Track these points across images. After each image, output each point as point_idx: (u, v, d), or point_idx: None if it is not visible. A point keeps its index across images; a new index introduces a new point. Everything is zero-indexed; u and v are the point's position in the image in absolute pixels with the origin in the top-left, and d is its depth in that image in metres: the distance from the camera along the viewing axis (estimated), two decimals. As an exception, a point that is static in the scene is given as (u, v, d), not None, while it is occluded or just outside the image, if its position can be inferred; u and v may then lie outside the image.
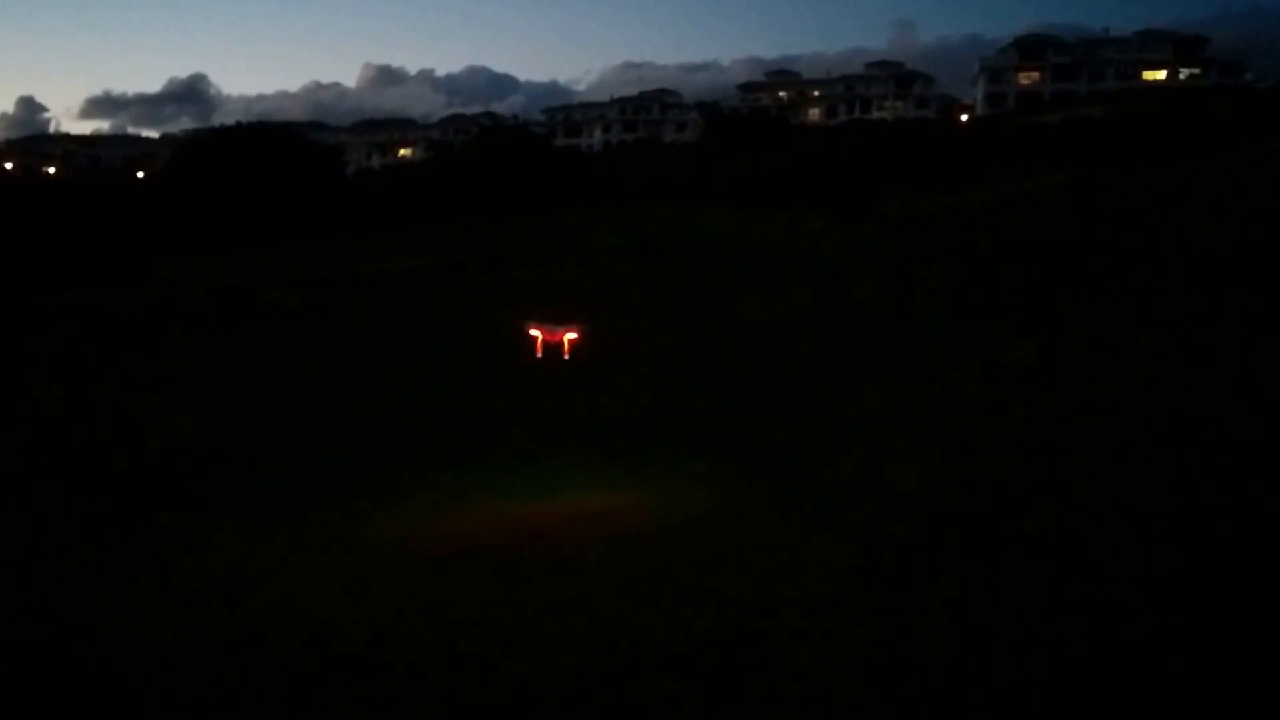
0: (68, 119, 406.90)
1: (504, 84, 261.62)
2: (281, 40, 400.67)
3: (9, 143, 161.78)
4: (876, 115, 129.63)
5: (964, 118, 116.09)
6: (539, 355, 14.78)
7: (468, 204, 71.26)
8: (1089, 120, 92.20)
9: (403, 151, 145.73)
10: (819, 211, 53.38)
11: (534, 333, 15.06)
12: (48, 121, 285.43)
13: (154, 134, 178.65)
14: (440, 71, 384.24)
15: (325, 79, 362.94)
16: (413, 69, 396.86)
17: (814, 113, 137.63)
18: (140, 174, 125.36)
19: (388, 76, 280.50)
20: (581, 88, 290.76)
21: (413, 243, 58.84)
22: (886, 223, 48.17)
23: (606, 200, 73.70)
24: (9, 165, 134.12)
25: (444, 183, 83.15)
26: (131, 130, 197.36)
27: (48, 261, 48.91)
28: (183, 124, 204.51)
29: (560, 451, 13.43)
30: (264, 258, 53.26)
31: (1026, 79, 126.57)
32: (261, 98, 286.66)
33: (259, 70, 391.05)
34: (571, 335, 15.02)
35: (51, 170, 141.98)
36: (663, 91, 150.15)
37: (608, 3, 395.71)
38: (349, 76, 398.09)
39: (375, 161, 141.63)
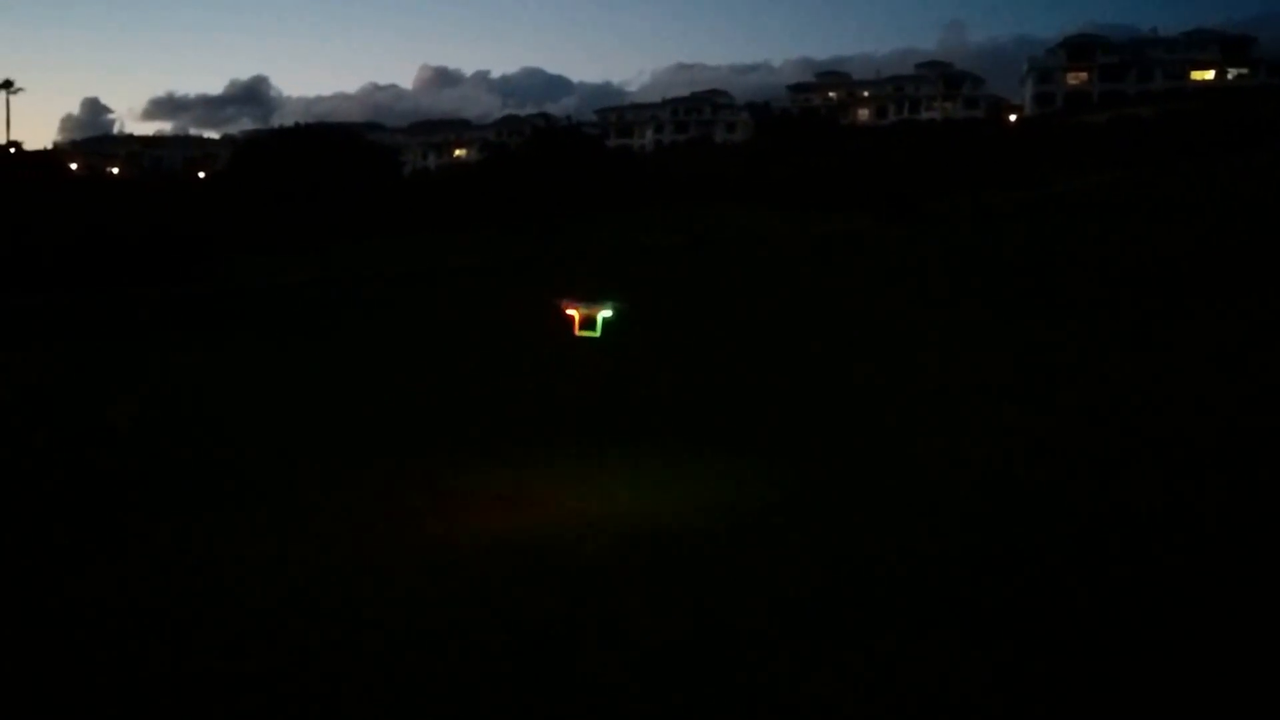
0: (131, 120, 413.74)
1: (558, 85, 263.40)
2: (340, 43, 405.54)
3: (74, 144, 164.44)
4: (925, 116, 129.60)
5: (1012, 118, 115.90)
6: (576, 333, 15.05)
7: (521, 204, 72.07)
8: (1136, 120, 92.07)
9: (458, 152, 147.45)
10: (868, 211, 54.01)
11: (570, 311, 15.22)
12: (112, 123, 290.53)
13: (215, 135, 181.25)
14: (496, 73, 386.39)
15: (383, 81, 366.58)
16: (468, 71, 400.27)
17: (863, 113, 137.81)
18: (201, 174, 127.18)
19: (444, 78, 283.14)
20: (634, 89, 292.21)
21: (466, 241, 59.65)
22: (935, 222, 48.86)
23: (658, 200, 74.31)
24: (74, 165, 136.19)
25: (498, 183, 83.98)
26: (193, 131, 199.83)
27: (109, 259, 50.06)
28: (243, 125, 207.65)
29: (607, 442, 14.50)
30: (321, 256, 54.19)
31: (1075, 79, 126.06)
32: (320, 99, 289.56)
33: (318, 72, 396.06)
34: (606, 313, 15.22)
35: (115, 170, 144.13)
36: (714, 92, 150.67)
37: (661, 5, 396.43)
38: (406, 78, 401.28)
39: (431, 162, 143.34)
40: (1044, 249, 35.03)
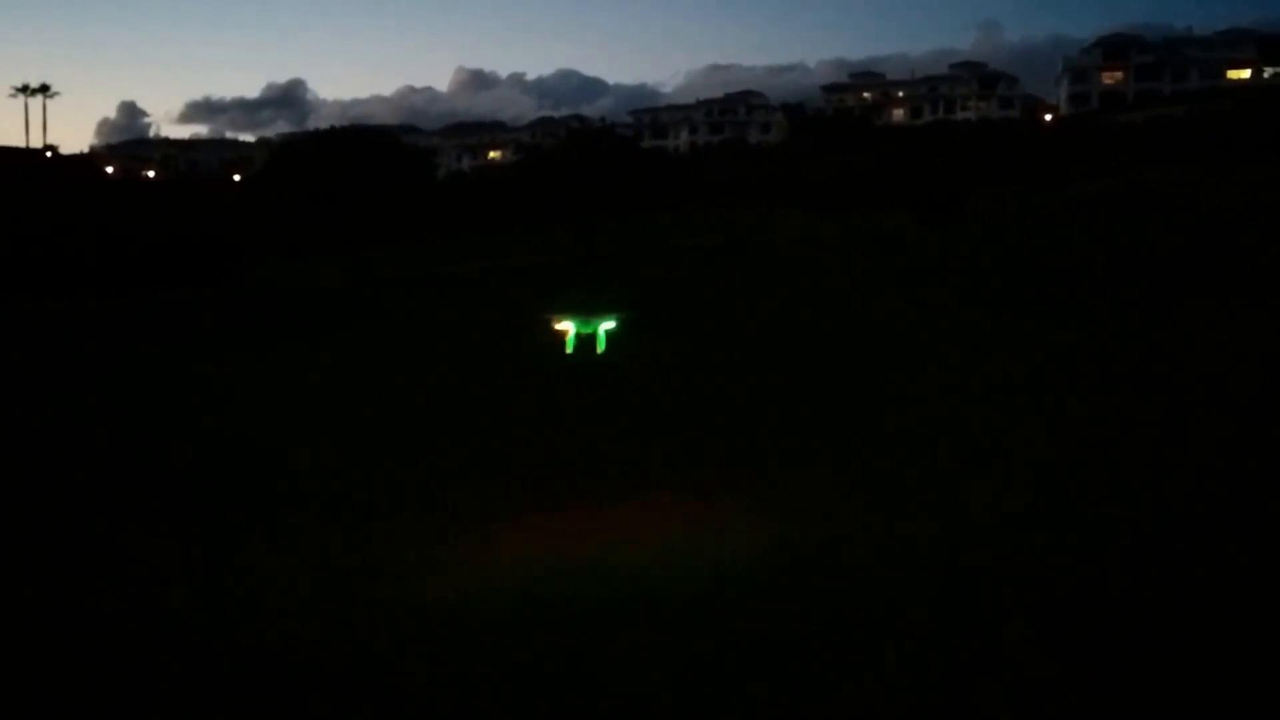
0: (167, 123, 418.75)
1: (593, 87, 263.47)
2: (376, 45, 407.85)
3: (110, 147, 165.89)
4: (960, 116, 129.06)
5: (1048, 117, 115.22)
6: (570, 351, 13.71)
7: (555, 205, 72.30)
8: (1172, 120, 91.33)
9: (492, 154, 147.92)
10: (905, 211, 53.88)
11: (561, 327, 13.96)
12: (148, 126, 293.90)
13: (250, 138, 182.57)
14: (531, 75, 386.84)
15: (418, 83, 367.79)
16: (504, 73, 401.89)
17: (898, 113, 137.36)
18: (236, 177, 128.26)
19: (479, 80, 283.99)
20: (668, 90, 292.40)
21: (500, 243, 59.73)
22: (971, 222, 48.69)
23: (692, 201, 74.30)
24: (110, 169, 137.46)
25: (532, 184, 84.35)
26: (229, 134, 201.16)
27: (143, 263, 50.46)
28: (278, 128, 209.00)
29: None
30: (356, 258, 54.30)
31: (1110, 78, 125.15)
32: (356, 101, 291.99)
33: (354, 75, 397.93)
34: (607, 326, 13.93)
35: (151, 173, 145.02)
36: (748, 93, 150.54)
37: (696, 6, 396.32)
38: (441, 80, 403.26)
39: (465, 164, 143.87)
40: (1084, 248, 34.84)
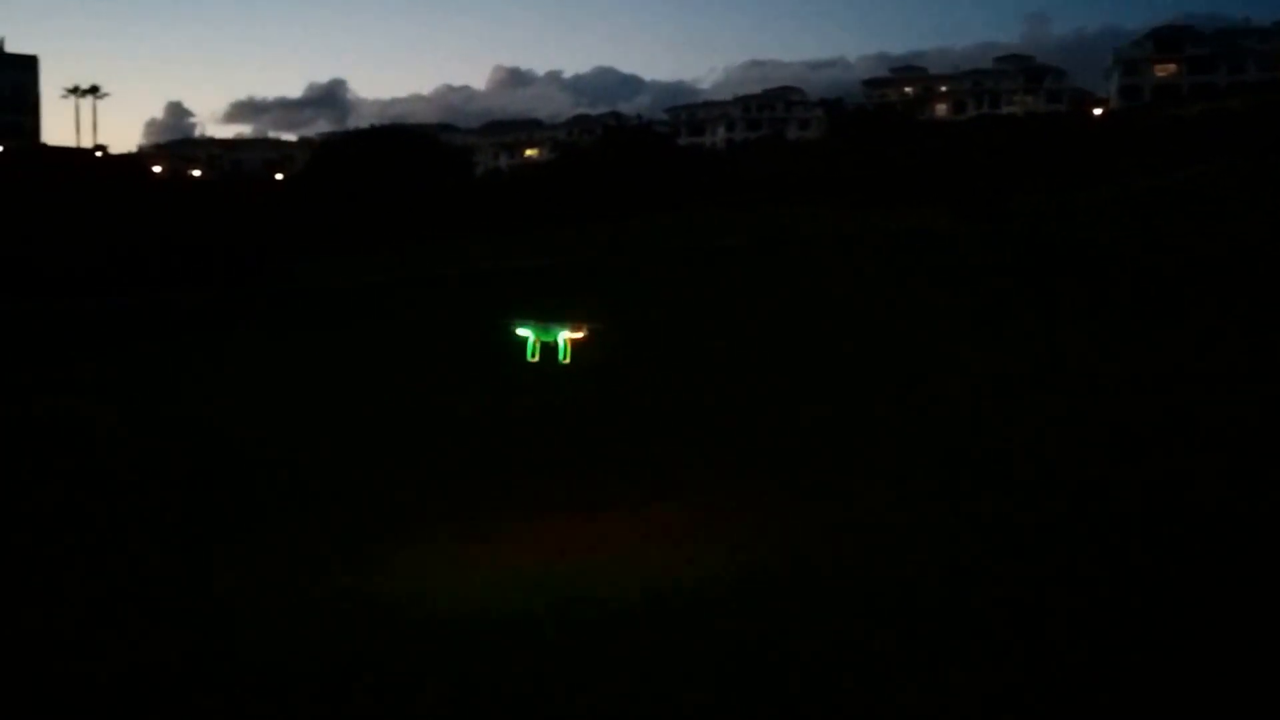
0: (212, 123, 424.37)
1: (630, 84, 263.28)
2: (416, 45, 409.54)
3: (157, 147, 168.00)
4: (1006, 110, 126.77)
5: (1097, 112, 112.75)
6: (532, 358, 13.67)
7: (592, 203, 71.92)
8: (1228, 113, 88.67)
9: (529, 152, 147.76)
10: (947, 208, 52.61)
11: (523, 333, 13.96)
12: (193, 126, 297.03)
13: (292, 137, 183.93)
14: (568, 73, 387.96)
15: (456, 82, 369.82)
16: (541, 71, 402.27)
17: (941, 108, 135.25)
18: (279, 176, 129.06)
19: (516, 78, 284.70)
20: (706, 86, 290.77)
21: (537, 241, 59.58)
22: (1016, 219, 47.27)
23: (729, 198, 73.51)
24: (157, 169, 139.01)
25: (569, 182, 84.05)
26: (271, 134, 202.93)
27: (188, 262, 50.90)
28: (320, 127, 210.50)
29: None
30: (395, 256, 54.64)
31: (1163, 71, 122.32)
32: (395, 101, 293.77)
33: (394, 74, 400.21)
34: (575, 335, 13.71)
35: (196, 173, 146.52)
36: (786, 89, 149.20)
37: (734, 2, 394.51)
38: (479, 79, 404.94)
39: (503, 162, 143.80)
40: (1132, 247, 33.43)
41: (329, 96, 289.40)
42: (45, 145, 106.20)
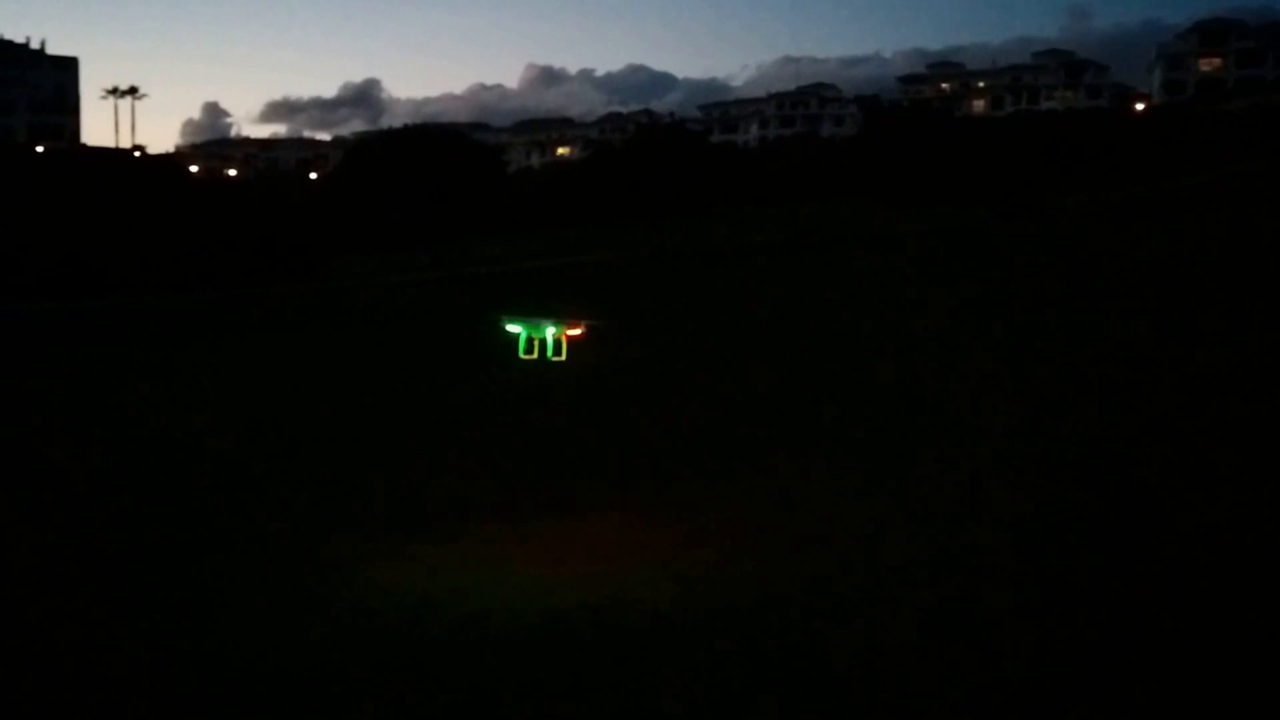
0: (248, 123, 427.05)
1: (662, 82, 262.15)
2: (449, 44, 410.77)
3: (194, 147, 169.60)
4: (1045, 106, 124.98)
5: (1140, 107, 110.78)
6: (524, 355, 13.59)
7: (624, 201, 71.57)
8: (1275, 108, 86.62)
9: (561, 150, 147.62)
10: (984, 206, 51.71)
11: (513, 329, 13.76)
12: (230, 126, 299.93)
13: (326, 136, 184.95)
14: (600, 71, 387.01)
15: (489, 80, 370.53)
16: (573, 69, 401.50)
17: (978, 104, 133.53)
18: (313, 175, 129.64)
19: (548, 77, 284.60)
20: (739, 83, 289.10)
21: (567, 240, 59.42)
22: (1053, 217, 46.25)
23: (763, 195, 72.93)
24: (194, 168, 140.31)
25: (601, 180, 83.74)
26: (306, 133, 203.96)
27: (221, 260, 51.31)
28: (353, 126, 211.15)
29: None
30: (427, 255, 54.66)
31: (1207, 65, 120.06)
32: (429, 100, 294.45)
33: (427, 74, 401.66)
34: (572, 332, 13.56)
35: (232, 172, 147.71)
36: (820, 85, 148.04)
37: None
38: (512, 77, 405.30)
39: (535, 160, 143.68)
40: (1179, 245, 32.31)
41: (363, 96, 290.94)
42: (85, 146, 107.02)
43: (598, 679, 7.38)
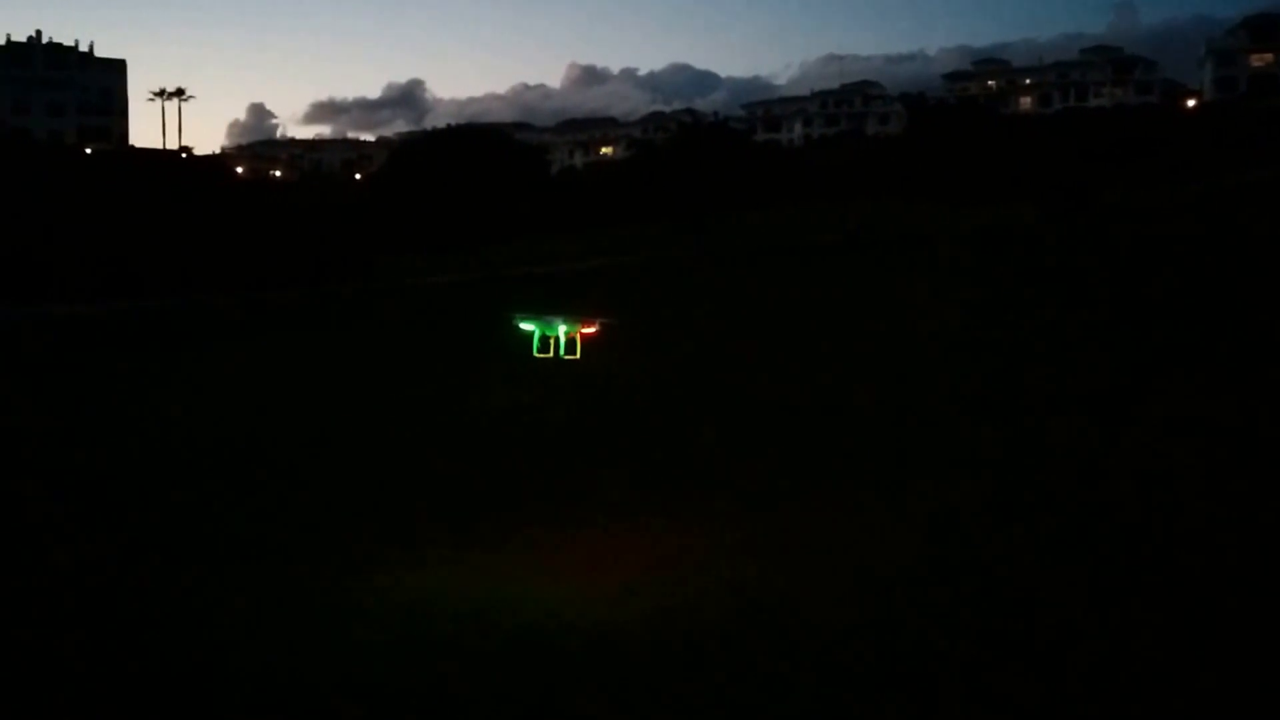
0: (293, 124, 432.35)
1: (705, 80, 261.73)
2: (492, 44, 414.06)
3: (240, 148, 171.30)
4: (1094, 103, 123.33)
5: (1190, 103, 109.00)
6: (542, 354, 13.38)
7: (667, 201, 71.34)
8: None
9: (604, 150, 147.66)
10: (1033, 204, 51.01)
11: (526, 327, 13.61)
12: (275, 127, 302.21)
13: (370, 137, 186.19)
14: (643, 70, 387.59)
15: (532, 80, 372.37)
16: (616, 68, 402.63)
17: (1025, 101, 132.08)
18: (357, 175, 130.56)
19: (591, 76, 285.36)
20: (782, 82, 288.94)
21: (611, 240, 59.28)
22: (1102, 215, 45.50)
23: (807, 194, 72.47)
24: (240, 169, 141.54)
25: (644, 180, 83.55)
26: (350, 134, 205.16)
27: (267, 261, 51.61)
28: (397, 127, 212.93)
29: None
30: (473, 255, 54.79)
31: (1259, 60, 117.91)
32: (472, 100, 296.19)
33: (470, 74, 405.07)
34: (586, 330, 13.32)
35: (277, 173, 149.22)
36: (864, 84, 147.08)
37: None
38: (554, 77, 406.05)
39: (577, 160, 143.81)
40: (1229, 244, 31.59)
41: (407, 96, 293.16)
42: (133, 147, 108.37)
43: (660, 697, 7.24)
